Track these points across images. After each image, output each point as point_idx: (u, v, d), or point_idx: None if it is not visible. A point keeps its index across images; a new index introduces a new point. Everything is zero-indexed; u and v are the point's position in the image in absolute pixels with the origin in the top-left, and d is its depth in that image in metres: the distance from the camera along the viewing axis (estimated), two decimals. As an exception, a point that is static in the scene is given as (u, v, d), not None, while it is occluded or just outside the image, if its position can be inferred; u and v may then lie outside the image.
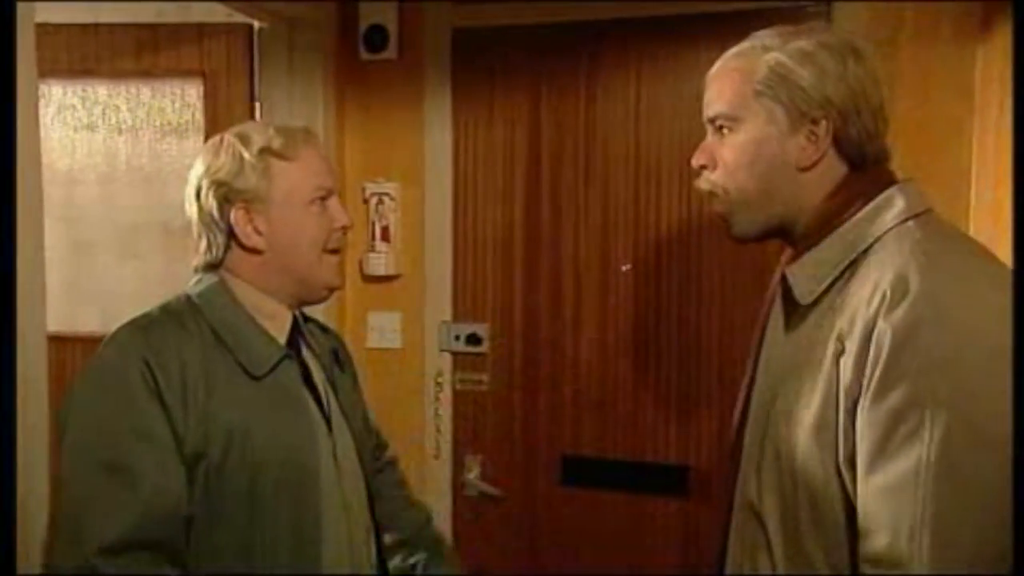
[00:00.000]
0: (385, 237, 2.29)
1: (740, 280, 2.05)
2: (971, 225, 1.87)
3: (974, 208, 1.87)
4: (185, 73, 2.23)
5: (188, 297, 1.28)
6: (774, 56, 1.12)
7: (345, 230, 1.34)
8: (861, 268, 1.08)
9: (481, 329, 2.25)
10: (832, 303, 1.09)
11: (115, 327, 1.26)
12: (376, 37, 2.23)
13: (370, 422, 1.56)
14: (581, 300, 2.19)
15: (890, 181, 1.15)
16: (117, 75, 2.25)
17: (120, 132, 2.28)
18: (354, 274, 2.33)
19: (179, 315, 1.25)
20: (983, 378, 0.97)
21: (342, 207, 1.35)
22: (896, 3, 1.91)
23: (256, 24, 2.19)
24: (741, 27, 1.98)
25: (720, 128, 1.16)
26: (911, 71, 1.91)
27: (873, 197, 1.12)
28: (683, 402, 2.12)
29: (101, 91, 2.28)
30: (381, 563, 1.40)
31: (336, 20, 2.26)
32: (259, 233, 1.27)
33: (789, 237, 1.18)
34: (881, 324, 1.00)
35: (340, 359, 1.45)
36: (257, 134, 1.29)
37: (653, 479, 2.13)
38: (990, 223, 1.75)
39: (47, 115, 2.25)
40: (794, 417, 1.09)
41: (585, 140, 2.16)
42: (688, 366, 2.11)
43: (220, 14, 2.16)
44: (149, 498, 1.14)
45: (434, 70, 2.23)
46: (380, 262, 2.28)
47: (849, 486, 1.05)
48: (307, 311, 1.43)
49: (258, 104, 2.20)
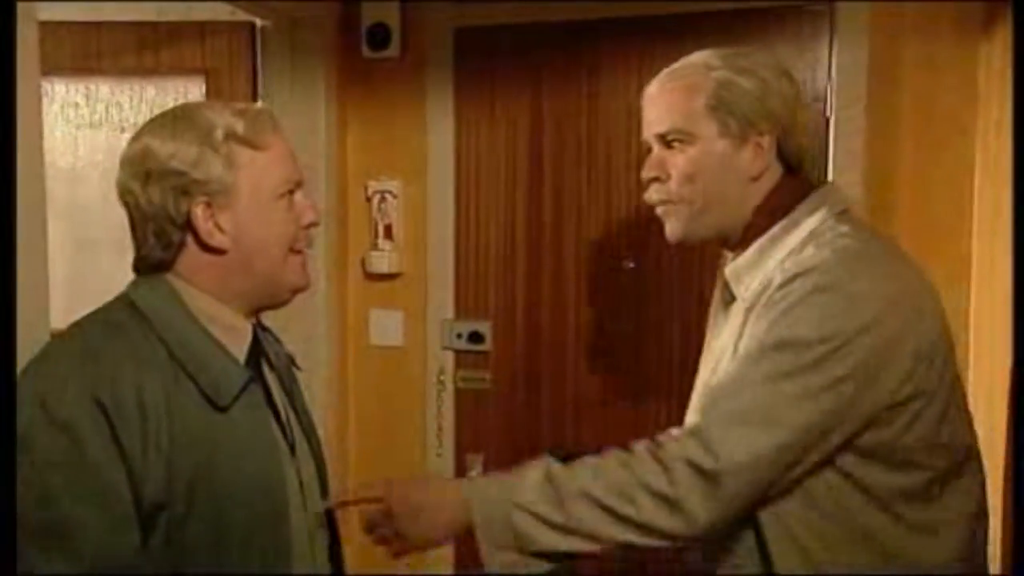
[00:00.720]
0: (387, 235, 2.29)
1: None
2: (974, 222, 1.87)
3: (977, 205, 1.87)
4: (188, 71, 2.23)
5: (133, 306, 1.10)
6: (721, 73, 1.20)
7: (313, 227, 1.19)
8: (784, 265, 1.16)
9: (483, 327, 2.25)
10: (754, 301, 1.17)
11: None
12: (378, 35, 2.23)
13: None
14: (583, 297, 2.19)
15: (812, 186, 1.25)
16: (120, 73, 2.25)
17: (123, 130, 2.28)
18: (357, 272, 2.33)
19: (128, 333, 1.07)
20: (859, 354, 1.07)
21: (309, 202, 1.19)
22: (898, 2, 1.91)
23: (259, 22, 2.19)
24: (742, 26, 2.02)
25: (671, 143, 1.23)
26: (913, 69, 1.91)
27: (800, 199, 1.21)
28: (686, 400, 2.11)
29: (104, 89, 2.28)
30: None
31: (338, 18, 2.27)
32: (222, 231, 1.09)
33: (729, 242, 1.27)
34: (775, 311, 1.11)
35: (294, 370, 1.30)
36: (216, 116, 1.10)
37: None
38: (991, 220, 1.75)
39: (50, 113, 2.25)
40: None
41: (587, 138, 2.16)
42: (691, 364, 2.11)
43: (223, 12, 2.16)
44: (94, 561, 0.98)
45: (436, 68, 2.23)
46: (382, 260, 2.28)
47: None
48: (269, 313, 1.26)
49: (260, 101, 2.20)
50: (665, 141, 1.24)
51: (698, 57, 1.25)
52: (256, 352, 1.18)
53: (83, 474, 0.98)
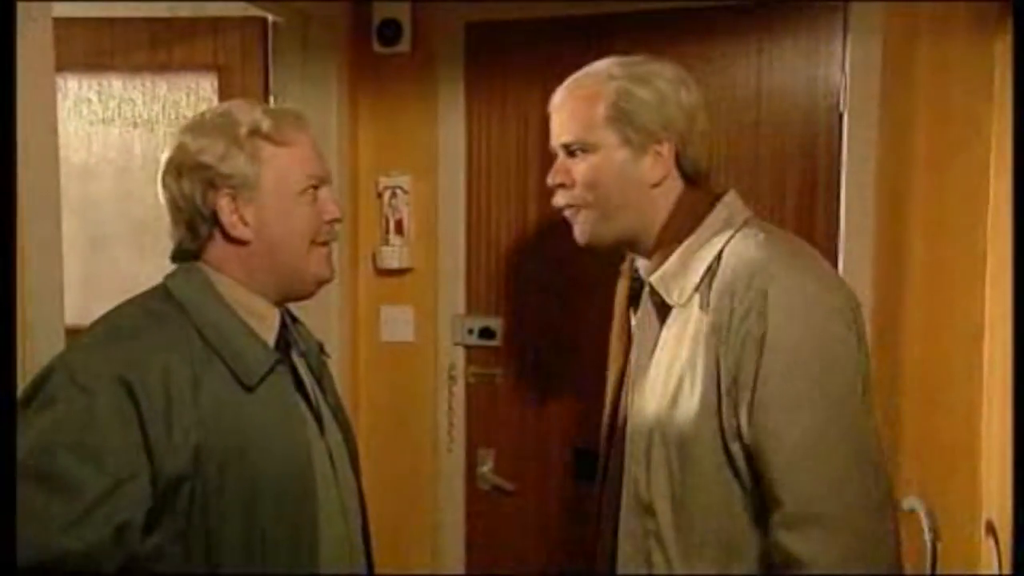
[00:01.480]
0: (398, 230, 2.29)
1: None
2: (989, 221, 1.85)
3: (992, 204, 1.85)
4: (200, 67, 2.23)
5: (168, 293, 1.17)
6: (620, 84, 1.26)
7: (336, 223, 1.25)
8: (719, 269, 1.22)
9: (494, 323, 2.25)
10: (701, 302, 1.22)
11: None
12: (389, 31, 2.23)
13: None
14: (594, 292, 2.18)
15: (718, 195, 1.31)
16: (132, 69, 2.26)
17: (136, 126, 2.29)
18: (367, 267, 2.33)
19: (162, 319, 1.13)
20: (834, 345, 1.17)
21: (333, 199, 1.25)
22: (912, 1, 1.90)
23: (270, 18, 2.19)
24: (754, 21, 2.00)
25: (574, 152, 1.29)
26: (928, 67, 1.90)
27: (709, 209, 1.28)
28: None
29: (117, 85, 2.29)
30: (370, 564, 1.34)
31: (350, 14, 2.27)
32: (245, 223, 1.16)
33: (637, 247, 1.33)
34: (753, 316, 1.16)
35: (323, 355, 1.36)
36: (244, 115, 1.17)
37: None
38: (1008, 219, 1.74)
39: (63, 109, 2.26)
40: (679, 409, 1.21)
41: (599, 134, 2.16)
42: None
43: (235, 8, 2.17)
44: (83, 519, 1.01)
45: (447, 64, 2.23)
46: (393, 255, 2.29)
47: (739, 461, 1.19)
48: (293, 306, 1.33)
49: (272, 98, 2.20)
50: (569, 150, 1.30)
51: (601, 65, 1.31)
52: (284, 338, 1.24)
53: (91, 435, 1.03)
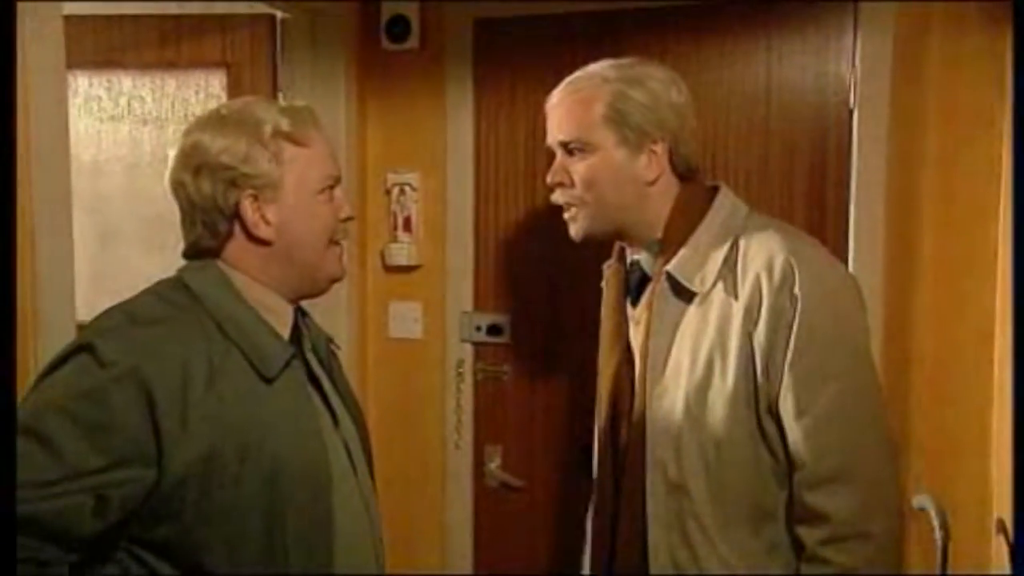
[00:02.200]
0: (407, 227, 2.30)
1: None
2: (1000, 216, 1.84)
3: (1003, 200, 1.84)
4: (209, 64, 2.24)
5: (185, 286, 1.17)
6: (615, 86, 1.32)
7: (349, 221, 1.27)
8: (740, 255, 1.30)
9: (502, 319, 2.25)
10: (724, 290, 1.30)
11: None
12: (398, 28, 2.23)
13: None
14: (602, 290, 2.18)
15: (713, 188, 1.39)
16: (142, 66, 2.27)
17: (145, 123, 2.30)
18: (376, 264, 2.34)
19: (180, 309, 1.14)
20: (855, 317, 1.32)
21: (346, 197, 1.27)
22: (923, 1, 1.88)
23: (279, 15, 2.20)
24: (764, 17, 2.00)
25: (572, 151, 1.35)
26: (938, 63, 1.88)
27: (709, 201, 1.36)
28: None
29: (126, 82, 2.30)
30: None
31: (358, 11, 2.27)
32: (267, 223, 1.16)
33: (633, 241, 1.40)
34: (786, 298, 1.25)
35: (333, 350, 1.37)
36: (265, 114, 1.17)
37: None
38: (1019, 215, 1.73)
39: (73, 106, 2.27)
40: (711, 391, 1.29)
41: (607, 130, 2.15)
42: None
43: (243, 5, 2.17)
44: (62, 483, 1.01)
45: (456, 60, 2.23)
46: (402, 252, 2.29)
47: (772, 435, 1.28)
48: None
49: (281, 95, 2.21)
50: (567, 149, 1.35)
51: (595, 68, 1.37)
52: (297, 333, 1.25)
53: (96, 412, 1.03)
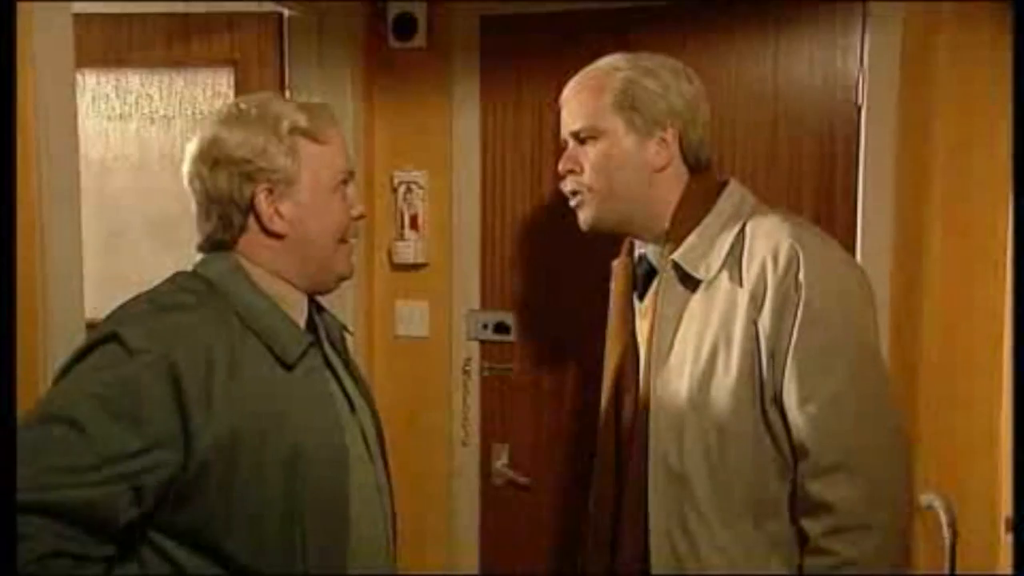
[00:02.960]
0: (413, 225, 2.30)
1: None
2: (1009, 211, 1.83)
3: (1012, 195, 1.83)
4: (216, 62, 2.24)
5: (202, 276, 1.18)
6: (626, 74, 1.34)
7: (361, 218, 1.29)
8: (746, 244, 1.31)
9: (509, 318, 2.25)
10: (729, 278, 1.31)
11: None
12: (405, 25, 2.23)
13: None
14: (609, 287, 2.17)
15: (723, 180, 1.41)
16: (150, 65, 2.27)
17: (153, 121, 2.30)
18: (383, 263, 2.34)
19: (201, 297, 1.15)
20: (861, 306, 1.31)
21: (356, 193, 1.29)
22: (931, 1, 1.87)
23: (286, 13, 2.20)
24: (771, 14, 1.99)
25: (584, 140, 1.37)
26: (947, 60, 1.87)
27: (718, 193, 1.37)
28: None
29: (134, 81, 2.30)
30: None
31: (365, 8, 2.27)
32: (282, 217, 1.18)
33: (640, 232, 1.42)
34: (791, 284, 1.25)
35: (345, 331, 1.39)
36: (283, 110, 1.19)
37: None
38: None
39: (81, 105, 2.28)
40: (715, 380, 1.29)
41: (614, 128, 2.15)
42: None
43: (251, 4, 2.17)
44: (101, 471, 1.02)
45: (462, 58, 2.23)
46: (408, 250, 2.29)
47: (776, 426, 1.28)
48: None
49: (288, 92, 2.21)
50: (579, 138, 1.38)
51: (606, 61, 1.39)
52: (312, 324, 1.27)
53: (131, 400, 1.04)
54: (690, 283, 1.34)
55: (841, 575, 1.23)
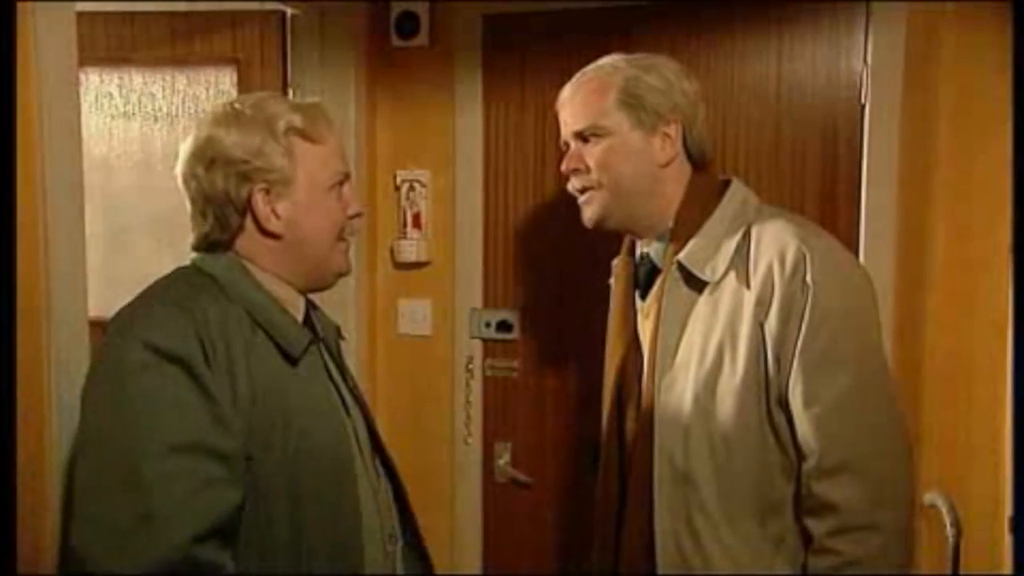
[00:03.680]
0: (416, 224, 2.30)
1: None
2: (1009, 208, 1.83)
3: (1013, 192, 1.83)
4: (219, 61, 2.24)
5: (204, 273, 1.18)
6: (627, 72, 1.35)
7: (358, 218, 1.29)
8: (752, 245, 1.31)
9: (512, 316, 2.25)
10: (735, 279, 1.30)
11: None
12: (407, 24, 2.23)
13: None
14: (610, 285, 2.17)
15: (725, 179, 1.41)
16: (153, 63, 2.27)
17: (156, 119, 2.30)
18: (385, 261, 2.34)
19: (208, 292, 1.14)
20: (866, 308, 1.31)
21: (355, 194, 1.29)
22: (934, 1, 1.87)
23: (289, 11, 2.20)
24: (775, 12, 1.98)
25: (587, 139, 1.38)
26: (952, 57, 1.87)
27: (721, 193, 1.37)
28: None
29: (137, 79, 2.31)
30: (416, 533, 1.39)
31: (367, 7, 2.27)
32: (278, 217, 1.18)
33: (644, 231, 1.41)
34: (798, 286, 1.25)
35: (339, 338, 1.40)
36: (278, 109, 1.19)
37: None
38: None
39: (84, 103, 2.28)
40: (721, 381, 1.29)
41: (617, 127, 2.15)
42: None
43: (253, 2, 2.17)
44: (232, 478, 1.05)
45: (465, 57, 2.23)
46: (411, 249, 2.29)
47: (782, 427, 1.28)
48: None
49: (291, 91, 2.21)
50: (583, 137, 1.38)
51: (605, 61, 1.40)
52: (308, 322, 1.28)
53: (206, 402, 1.05)
54: (695, 284, 1.34)
55: (846, 575, 1.23)
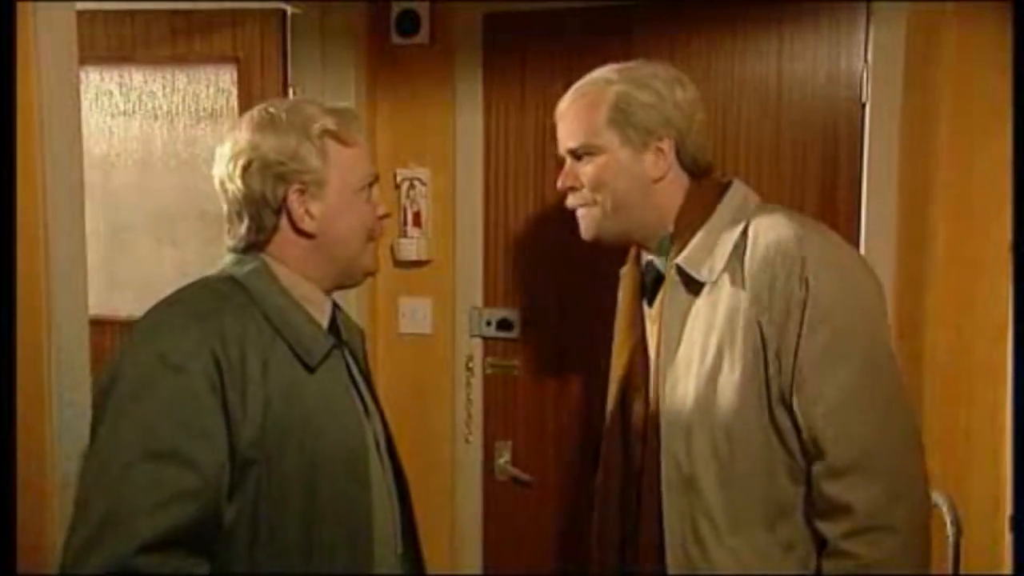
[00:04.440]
0: (416, 222, 2.30)
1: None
2: (1010, 207, 1.83)
3: (1013, 191, 1.83)
4: (219, 59, 2.24)
5: (233, 279, 1.20)
6: (619, 88, 1.34)
7: (386, 217, 1.33)
8: (749, 245, 1.29)
9: (512, 314, 2.25)
10: (732, 279, 1.29)
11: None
12: (408, 22, 2.23)
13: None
14: (613, 284, 2.17)
15: (727, 182, 1.39)
16: (153, 61, 2.27)
17: (156, 118, 2.30)
18: (386, 259, 2.34)
19: (231, 300, 1.17)
20: (870, 303, 1.28)
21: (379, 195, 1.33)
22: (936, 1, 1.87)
23: (289, 9, 2.20)
24: (775, 11, 1.98)
25: (580, 156, 1.38)
26: (952, 55, 1.87)
27: (720, 195, 1.36)
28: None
29: (137, 77, 2.31)
30: (417, 548, 1.40)
31: (368, 5, 2.26)
32: (312, 217, 1.22)
33: (643, 241, 1.41)
34: (795, 283, 1.23)
35: (365, 344, 1.43)
36: (313, 112, 1.23)
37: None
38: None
39: (85, 101, 2.28)
40: (720, 382, 1.27)
41: (617, 125, 2.15)
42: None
43: (253, 0, 2.17)
44: (203, 490, 1.07)
45: (465, 55, 2.23)
46: (411, 247, 2.29)
47: (785, 428, 1.26)
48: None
49: (291, 89, 2.21)
50: (576, 155, 1.38)
51: (600, 73, 1.39)
52: (334, 325, 1.31)
53: (196, 414, 1.08)
54: (694, 286, 1.33)
55: None
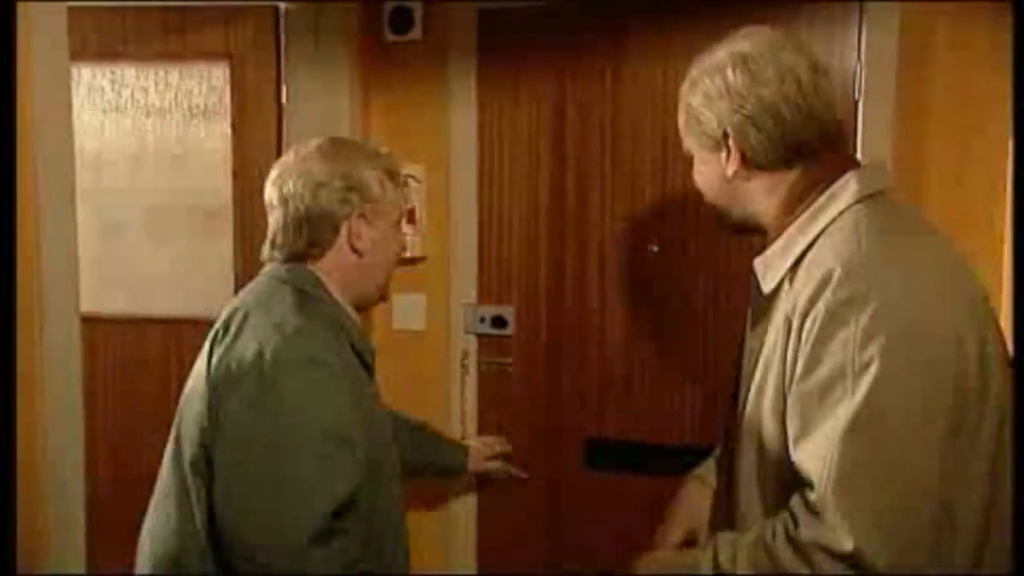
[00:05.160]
0: (411, 219, 2.29)
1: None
2: (1007, 203, 1.84)
3: (1011, 186, 1.83)
4: (212, 55, 2.24)
5: (298, 289, 1.35)
6: (686, 89, 1.28)
7: (404, 251, 1.53)
8: (811, 254, 1.15)
9: (506, 312, 2.25)
10: (786, 292, 1.17)
11: (143, 308, 1.26)
12: (401, 19, 2.22)
13: None
14: (606, 282, 2.18)
15: (845, 168, 1.19)
16: (145, 58, 2.26)
17: (148, 114, 2.30)
18: (379, 256, 2.34)
19: (308, 307, 1.33)
20: (903, 350, 1.02)
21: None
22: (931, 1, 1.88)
23: (282, 6, 2.19)
24: (769, 7, 1.98)
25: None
26: (946, 51, 1.88)
27: (811, 191, 1.19)
28: (709, 384, 2.11)
29: (130, 74, 2.30)
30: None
31: (361, 2, 2.26)
32: (362, 240, 1.40)
33: (759, 231, 1.29)
34: (817, 304, 1.06)
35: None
36: (372, 149, 1.47)
37: (676, 462, 2.12)
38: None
39: (77, 98, 2.27)
40: (760, 401, 1.18)
41: (611, 121, 2.14)
42: (713, 349, 2.10)
43: (246, -4, 2.17)
44: (359, 463, 1.28)
45: (459, 51, 2.22)
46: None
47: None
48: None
49: (284, 86, 2.21)
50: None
51: (693, 67, 1.29)
52: None
53: (343, 397, 1.29)
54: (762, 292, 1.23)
55: None
